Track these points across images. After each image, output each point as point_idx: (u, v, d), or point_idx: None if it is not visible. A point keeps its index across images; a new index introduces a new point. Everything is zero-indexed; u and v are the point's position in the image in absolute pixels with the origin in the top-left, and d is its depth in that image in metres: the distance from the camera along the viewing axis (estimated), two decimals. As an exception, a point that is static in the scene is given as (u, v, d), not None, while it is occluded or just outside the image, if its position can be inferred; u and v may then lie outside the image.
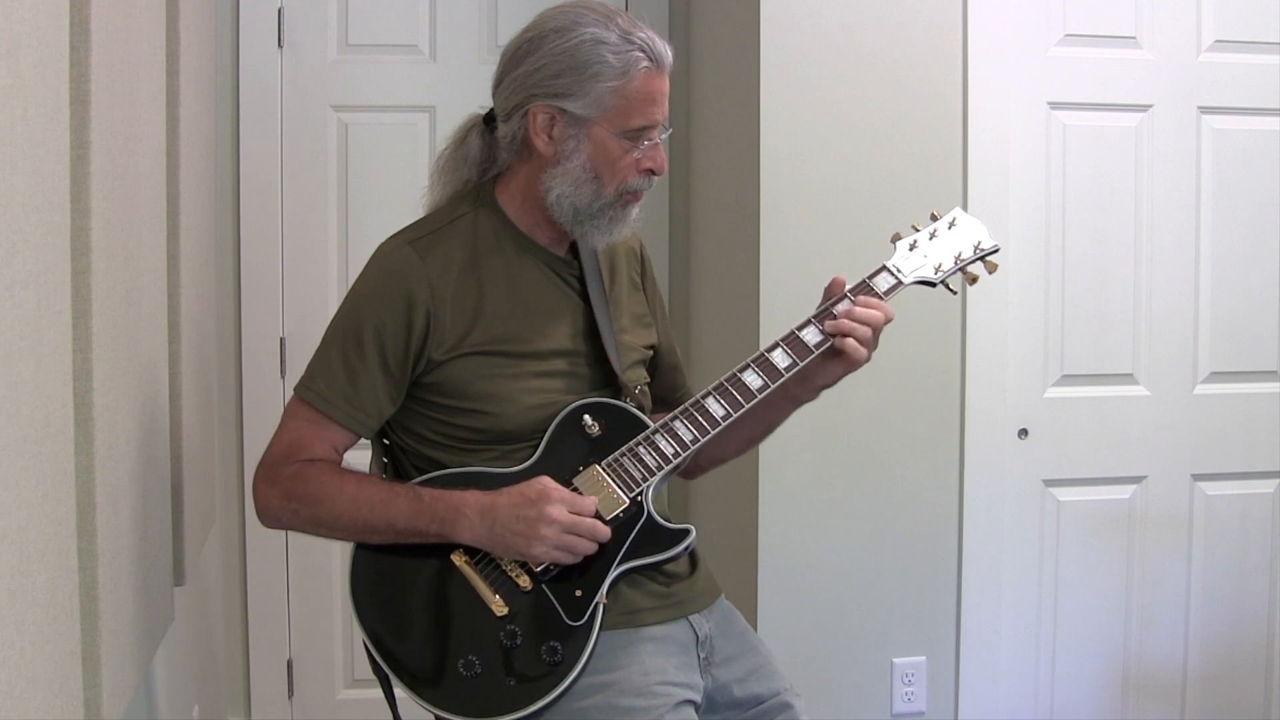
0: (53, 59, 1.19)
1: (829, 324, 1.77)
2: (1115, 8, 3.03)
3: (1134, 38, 3.05)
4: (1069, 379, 3.07)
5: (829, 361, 1.79)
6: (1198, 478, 3.14)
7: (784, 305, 2.83)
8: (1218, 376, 3.13)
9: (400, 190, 3.34)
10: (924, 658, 2.98)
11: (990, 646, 3.01)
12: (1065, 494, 3.09)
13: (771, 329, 2.82)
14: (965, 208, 2.89)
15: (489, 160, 1.83)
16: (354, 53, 3.29)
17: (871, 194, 2.87)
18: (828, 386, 1.83)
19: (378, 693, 1.82)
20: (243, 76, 3.23)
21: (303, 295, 3.29)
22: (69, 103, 1.28)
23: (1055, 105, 3.02)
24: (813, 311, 1.80)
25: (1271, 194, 3.12)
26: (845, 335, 1.75)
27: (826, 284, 1.83)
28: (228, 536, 3.25)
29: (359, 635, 1.75)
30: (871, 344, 1.77)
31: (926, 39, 2.89)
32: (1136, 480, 3.12)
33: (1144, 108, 3.06)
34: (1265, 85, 3.08)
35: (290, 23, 3.25)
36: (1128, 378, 3.10)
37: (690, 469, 2.01)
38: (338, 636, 3.34)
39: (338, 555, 3.28)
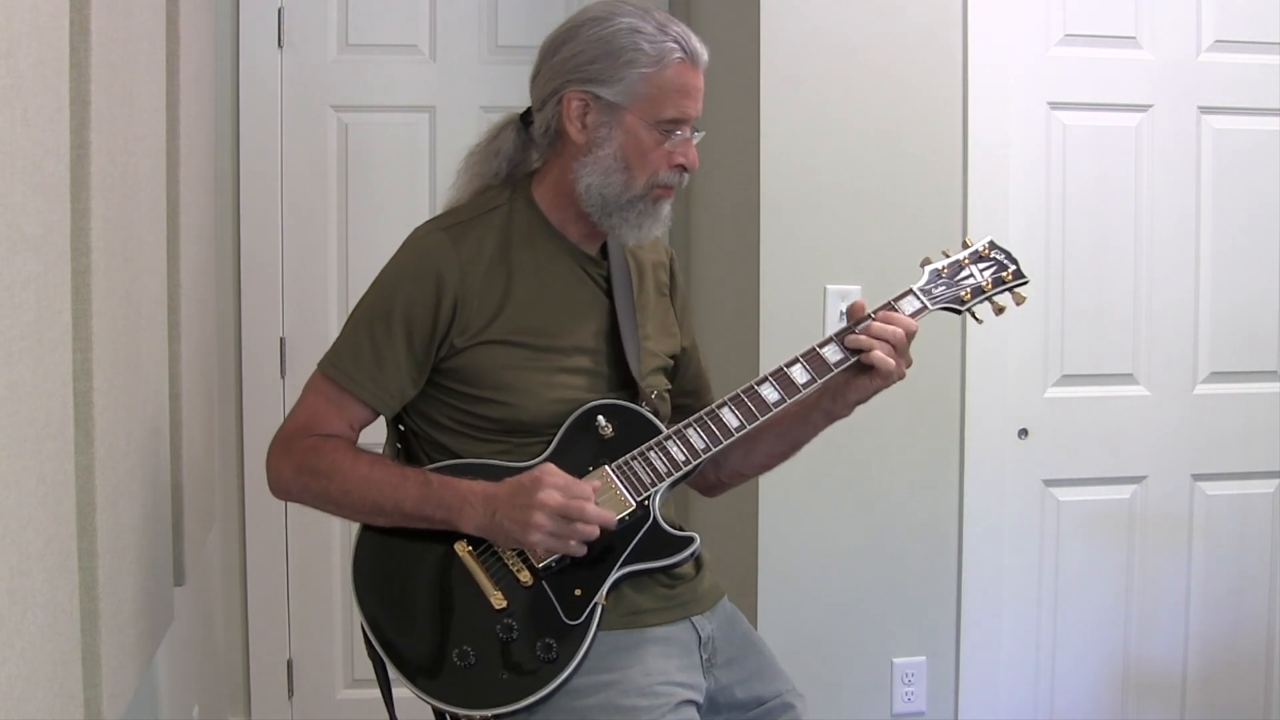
0: (53, 59, 1.19)
1: (850, 339, 1.77)
2: (1115, 8, 3.03)
3: (1134, 38, 3.05)
4: (1069, 379, 3.07)
5: (860, 376, 1.79)
6: (1198, 478, 3.14)
7: (784, 305, 2.83)
8: (1218, 376, 3.13)
9: (400, 190, 3.35)
10: (924, 658, 2.98)
11: (990, 646, 3.01)
12: (1065, 494, 3.09)
13: (771, 329, 2.82)
14: (965, 208, 2.90)
15: (521, 156, 1.84)
16: (354, 53, 3.29)
17: (871, 194, 2.87)
18: (862, 402, 1.83)
19: (378, 692, 1.82)
20: (243, 76, 3.23)
21: (303, 295, 3.29)
22: (69, 103, 1.28)
23: (1055, 105, 3.02)
24: (836, 330, 1.80)
25: (1271, 194, 3.12)
26: (869, 350, 1.75)
27: (848, 305, 1.84)
28: (228, 536, 3.26)
29: (359, 635, 1.76)
30: (900, 356, 1.77)
31: (926, 39, 2.89)
32: (1136, 480, 3.12)
33: (1144, 108, 3.06)
34: (1265, 85, 3.08)
35: (290, 23, 3.25)
36: (1128, 378, 3.10)
37: (713, 484, 2.01)
38: (338, 636, 3.34)
39: (338, 555, 3.29)
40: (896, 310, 1.81)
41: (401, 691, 1.75)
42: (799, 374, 1.77)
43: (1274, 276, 3.13)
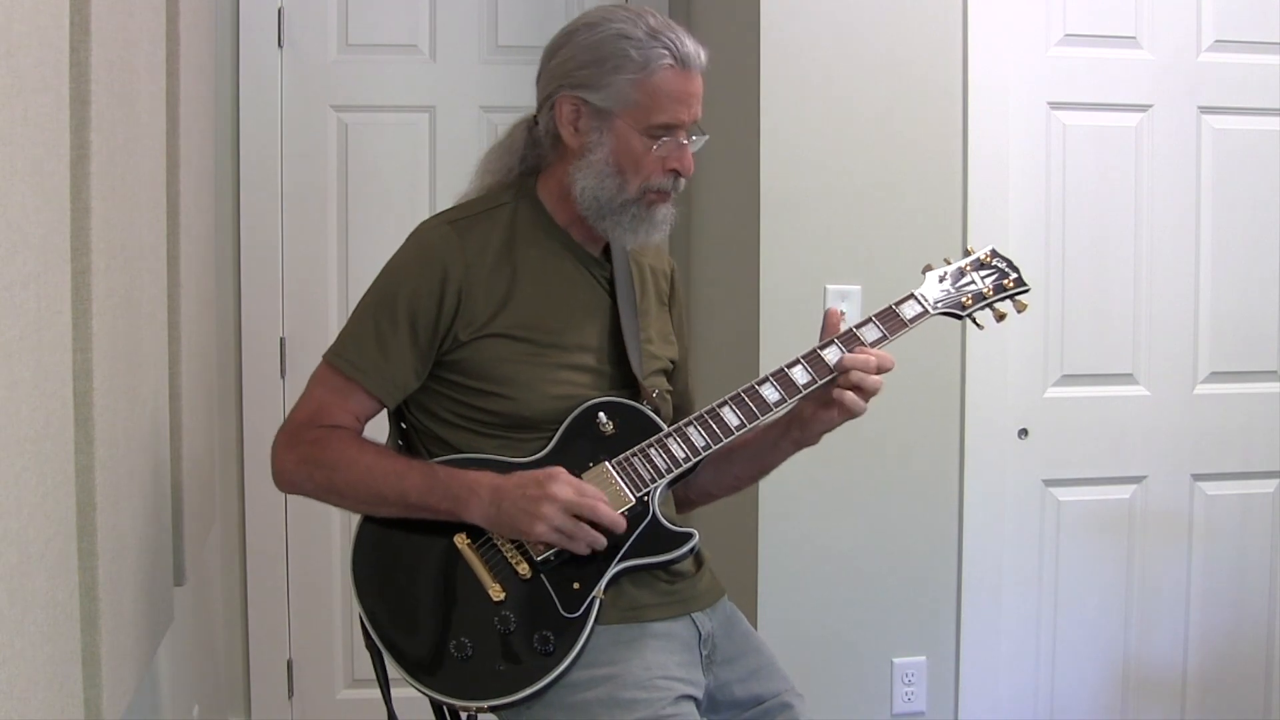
0: (53, 59, 1.19)
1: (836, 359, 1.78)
2: (1115, 8, 3.03)
3: (1134, 38, 3.05)
4: (1069, 379, 3.07)
5: (826, 410, 1.80)
6: (1198, 478, 3.14)
7: (784, 305, 2.83)
8: (1218, 376, 3.13)
9: (400, 190, 3.35)
10: (924, 658, 2.98)
11: (990, 646, 3.01)
12: (1065, 494, 3.09)
13: (771, 329, 2.82)
14: (965, 207, 2.90)
15: (533, 156, 1.86)
16: (354, 53, 3.29)
17: (871, 194, 2.87)
18: (827, 431, 1.85)
19: (378, 692, 1.82)
20: (243, 76, 3.22)
21: (303, 295, 3.29)
22: (69, 103, 1.28)
23: (1055, 105, 3.02)
24: (838, 334, 1.81)
25: (1271, 194, 3.12)
26: (847, 386, 1.76)
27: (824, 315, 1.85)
28: (228, 536, 3.25)
29: (359, 635, 1.76)
30: (866, 393, 1.78)
31: (926, 39, 2.89)
32: (1136, 480, 3.12)
33: (1144, 108, 3.06)
34: (1265, 85, 3.08)
35: (290, 23, 3.24)
36: (1128, 378, 3.10)
37: (681, 501, 2.02)
38: (338, 636, 3.34)
39: (338, 555, 3.29)
40: (899, 315, 1.82)
41: (402, 691, 1.75)
42: (800, 375, 1.78)
43: (1274, 276, 3.13)
